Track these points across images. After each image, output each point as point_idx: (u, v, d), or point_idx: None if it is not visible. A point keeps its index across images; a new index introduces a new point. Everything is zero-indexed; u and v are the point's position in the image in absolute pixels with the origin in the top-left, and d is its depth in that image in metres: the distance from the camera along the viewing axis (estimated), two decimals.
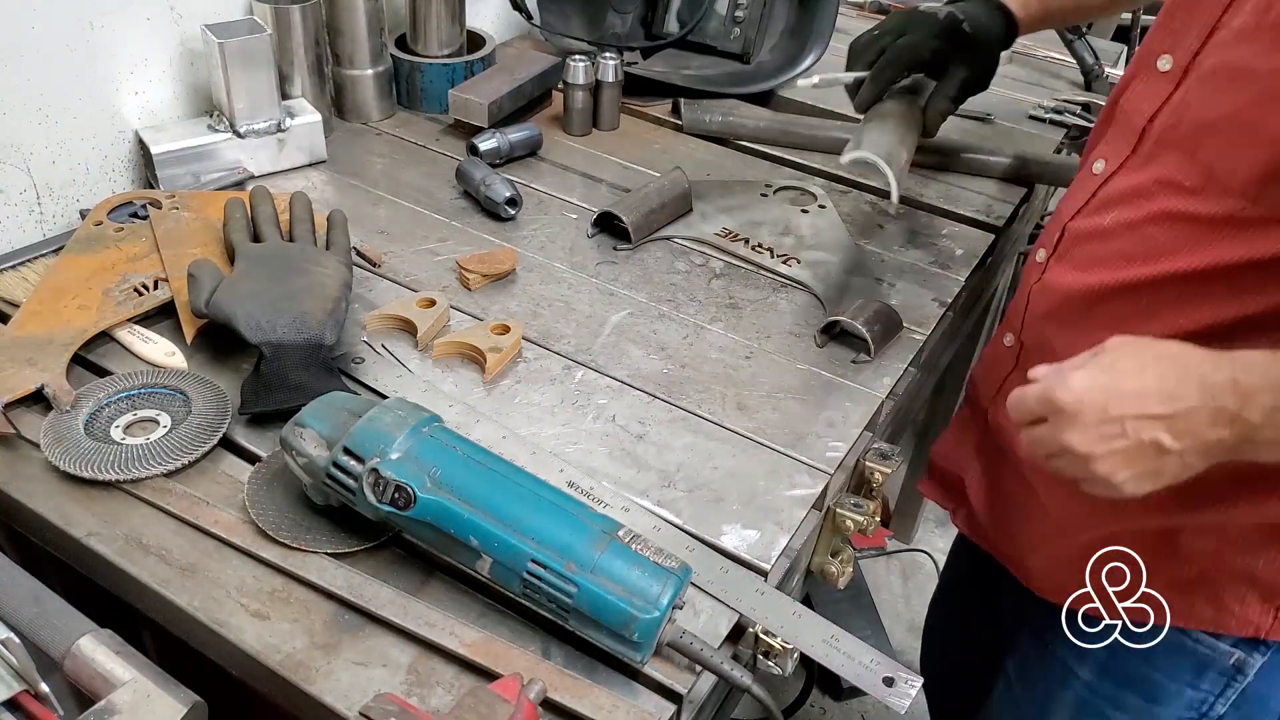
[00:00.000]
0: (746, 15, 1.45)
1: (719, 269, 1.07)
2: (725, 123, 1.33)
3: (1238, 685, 0.85)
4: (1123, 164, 0.79)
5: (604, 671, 0.66)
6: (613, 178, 1.23)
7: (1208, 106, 0.71)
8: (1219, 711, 0.87)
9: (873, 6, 1.84)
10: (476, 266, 1.01)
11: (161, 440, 0.78)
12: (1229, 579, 0.81)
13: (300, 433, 0.70)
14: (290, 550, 0.71)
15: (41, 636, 0.62)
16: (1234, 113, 0.69)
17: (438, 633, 0.66)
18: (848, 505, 0.83)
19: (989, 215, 1.20)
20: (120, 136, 1.10)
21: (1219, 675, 0.85)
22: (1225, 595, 0.81)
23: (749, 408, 0.89)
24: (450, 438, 0.69)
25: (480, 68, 1.33)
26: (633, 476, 0.81)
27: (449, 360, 0.91)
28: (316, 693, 0.63)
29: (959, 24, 1.00)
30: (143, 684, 0.59)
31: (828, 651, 0.69)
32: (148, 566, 0.70)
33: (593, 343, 0.95)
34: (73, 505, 0.74)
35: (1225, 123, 0.70)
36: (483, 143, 1.20)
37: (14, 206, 1.01)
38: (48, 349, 0.84)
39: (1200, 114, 0.72)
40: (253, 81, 1.10)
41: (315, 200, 1.06)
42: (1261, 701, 0.86)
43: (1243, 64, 0.68)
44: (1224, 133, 0.70)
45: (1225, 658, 0.84)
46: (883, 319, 0.96)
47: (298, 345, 0.84)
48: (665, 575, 0.63)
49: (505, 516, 0.65)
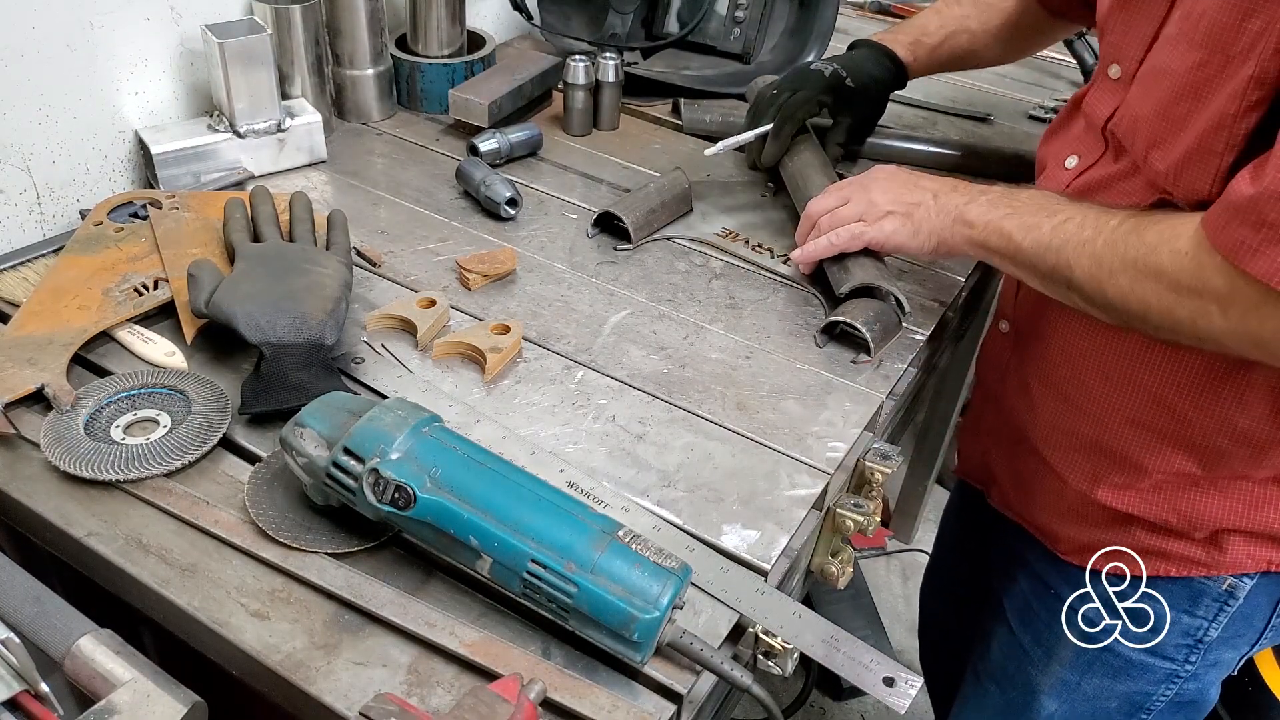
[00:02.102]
0: (747, 15, 1.45)
1: (719, 269, 1.07)
2: (725, 123, 1.33)
3: (1230, 609, 0.89)
4: (1096, 160, 0.87)
5: (604, 671, 0.66)
6: (613, 178, 1.23)
7: (1140, 105, 0.79)
8: (1213, 635, 0.91)
9: (873, 6, 1.84)
10: (476, 266, 1.01)
11: (161, 440, 0.78)
12: (1226, 532, 0.86)
13: (300, 433, 0.70)
14: (290, 550, 0.71)
15: (41, 636, 0.62)
16: (1158, 108, 0.76)
17: (438, 633, 0.66)
18: (848, 505, 0.83)
19: None
20: (120, 136, 1.10)
21: (1213, 602, 0.90)
22: (1225, 545, 0.87)
23: (749, 408, 0.89)
24: (450, 438, 0.69)
25: (480, 68, 1.33)
26: (633, 476, 0.81)
27: (449, 360, 0.91)
28: (316, 693, 0.63)
29: (841, 80, 1.12)
30: (143, 684, 0.59)
31: (828, 651, 0.69)
32: (148, 566, 0.70)
33: (593, 343, 0.95)
34: (73, 505, 0.74)
35: (1151, 118, 0.77)
36: (483, 143, 1.20)
37: (14, 206, 1.01)
38: (48, 349, 0.84)
39: (1135, 111, 0.80)
40: (253, 81, 1.10)
41: (315, 200, 1.06)
42: (1246, 620, 0.91)
43: (1165, 65, 0.76)
44: (1150, 127, 0.77)
45: (1219, 584, 0.88)
46: (883, 319, 0.96)
47: (298, 345, 0.84)
48: (665, 575, 0.63)
49: (505, 516, 0.65)
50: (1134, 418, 0.86)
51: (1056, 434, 0.94)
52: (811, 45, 1.45)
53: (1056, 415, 0.94)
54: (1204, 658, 0.93)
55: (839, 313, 0.96)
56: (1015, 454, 1.02)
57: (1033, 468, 0.99)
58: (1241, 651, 0.94)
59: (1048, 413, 0.94)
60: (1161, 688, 0.95)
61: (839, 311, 0.97)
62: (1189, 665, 0.93)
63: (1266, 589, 0.89)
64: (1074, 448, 0.93)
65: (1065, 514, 0.97)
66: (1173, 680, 0.95)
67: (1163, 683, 0.95)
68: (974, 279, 1.12)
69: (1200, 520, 0.86)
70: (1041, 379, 0.94)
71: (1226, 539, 0.86)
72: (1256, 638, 0.93)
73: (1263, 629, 0.92)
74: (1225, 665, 0.96)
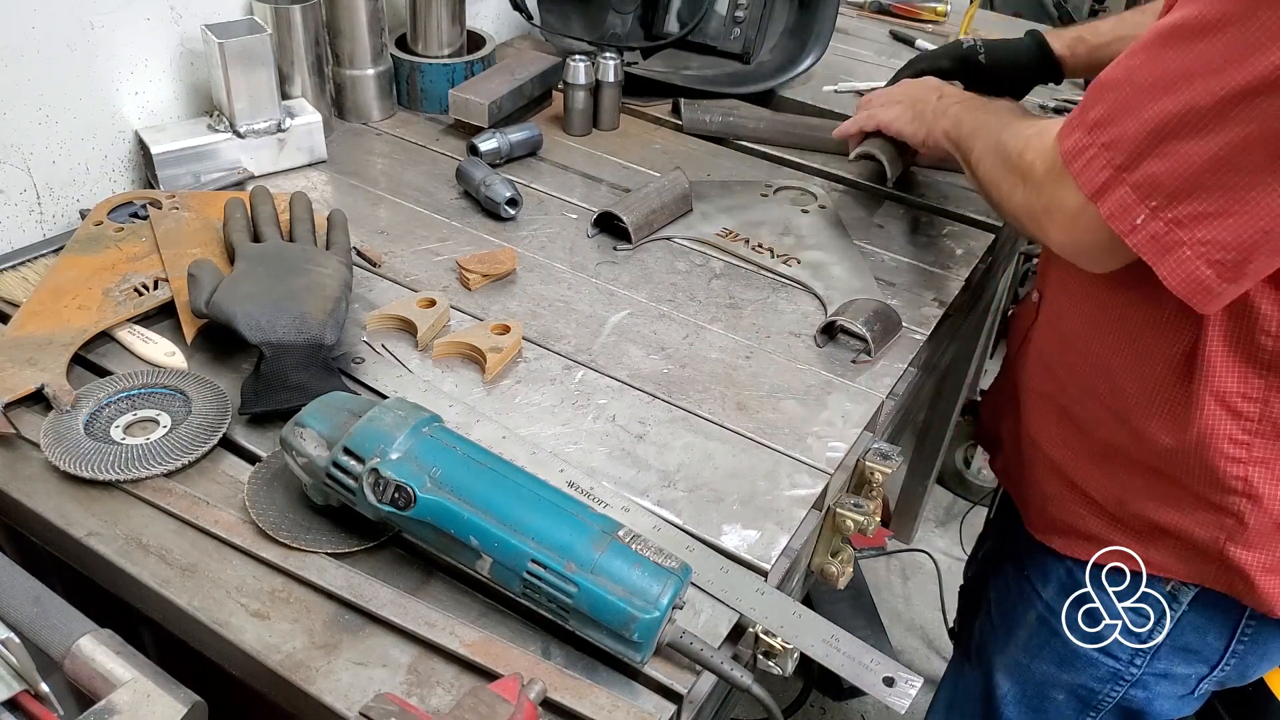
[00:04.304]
0: (746, 15, 1.45)
1: (719, 269, 1.07)
2: (725, 123, 1.33)
3: (1175, 612, 0.89)
4: None
5: (604, 671, 0.66)
6: (613, 178, 1.23)
7: None
8: (1157, 639, 0.91)
9: (873, 6, 1.84)
10: (476, 266, 1.01)
11: (161, 440, 0.78)
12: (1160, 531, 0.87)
13: (300, 433, 0.70)
14: (290, 550, 0.71)
15: (41, 636, 0.62)
16: None
17: (438, 633, 0.66)
18: (848, 505, 0.83)
19: (989, 215, 1.20)
20: (120, 136, 1.10)
21: (1159, 602, 0.90)
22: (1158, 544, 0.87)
23: (749, 408, 0.89)
24: (450, 438, 0.69)
25: (480, 68, 1.33)
26: (633, 476, 0.81)
27: (449, 360, 0.91)
28: (316, 693, 0.63)
29: (975, 55, 1.17)
30: (143, 684, 0.59)
31: (828, 651, 0.69)
32: (148, 566, 0.70)
33: (593, 343, 0.95)
34: (73, 505, 0.74)
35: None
36: (483, 143, 1.20)
37: (14, 206, 1.01)
38: (48, 349, 0.84)
39: None
40: (253, 81, 1.10)
41: (315, 200, 1.06)
42: (1199, 633, 0.90)
43: None
44: None
45: (1164, 585, 0.88)
46: (883, 319, 0.96)
47: (298, 345, 0.84)
48: (665, 575, 0.63)
49: (505, 516, 0.65)
50: (1092, 389, 0.87)
51: (1036, 398, 0.97)
52: (812, 45, 1.45)
53: (1041, 380, 0.96)
54: (1150, 664, 0.92)
55: (839, 313, 0.97)
56: (1016, 422, 1.05)
57: (1020, 432, 1.02)
58: (1199, 671, 0.92)
59: (1036, 378, 0.97)
60: (1108, 687, 0.95)
61: (839, 311, 0.97)
62: (1134, 668, 0.93)
63: (1217, 605, 0.87)
64: (1046, 411, 0.95)
65: (1034, 481, 0.99)
66: (1119, 681, 0.94)
67: (1108, 681, 0.95)
68: (974, 279, 1.12)
69: (1134, 511, 0.87)
70: (1040, 346, 0.97)
71: (1160, 539, 0.86)
72: (1217, 660, 0.91)
73: (1223, 652, 0.90)
74: (1179, 682, 0.93)
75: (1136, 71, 0.66)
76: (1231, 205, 0.63)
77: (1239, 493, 0.79)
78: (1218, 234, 0.64)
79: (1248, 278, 0.66)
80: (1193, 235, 0.65)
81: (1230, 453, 0.78)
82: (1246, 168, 0.61)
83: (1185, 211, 0.65)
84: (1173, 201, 0.65)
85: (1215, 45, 0.61)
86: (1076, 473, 0.92)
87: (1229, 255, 0.64)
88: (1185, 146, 0.63)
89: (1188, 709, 0.97)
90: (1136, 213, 0.67)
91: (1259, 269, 0.65)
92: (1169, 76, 0.63)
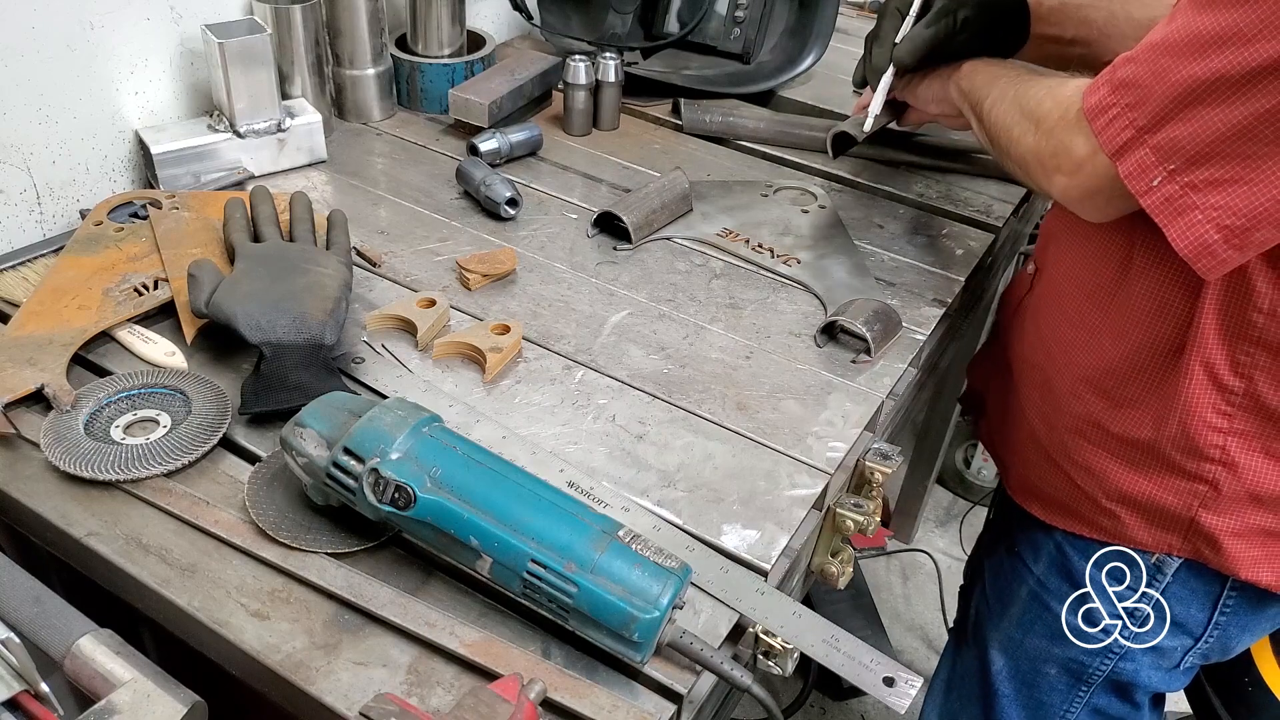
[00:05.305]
0: (747, 15, 1.45)
1: (719, 269, 1.07)
2: (725, 123, 1.33)
3: (1159, 585, 0.90)
4: None
5: (604, 671, 0.66)
6: (613, 178, 1.23)
7: None
8: (1145, 611, 0.92)
9: (873, 6, 1.84)
10: (476, 266, 1.01)
11: (161, 440, 0.78)
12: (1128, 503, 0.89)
13: (300, 433, 0.70)
14: (290, 550, 0.71)
15: (41, 636, 0.62)
16: None
17: (438, 633, 0.66)
18: (848, 505, 0.83)
19: (989, 215, 1.20)
20: (120, 136, 1.10)
21: (1143, 575, 0.92)
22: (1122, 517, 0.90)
23: (749, 408, 0.89)
24: (450, 438, 0.69)
25: (480, 68, 1.33)
26: (633, 476, 0.81)
27: (449, 360, 0.91)
28: (316, 693, 0.63)
29: None
30: (143, 684, 0.59)
31: (828, 651, 0.69)
32: (148, 566, 0.70)
33: (593, 343, 0.95)
34: (73, 505, 0.74)
35: None
36: (483, 143, 1.20)
37: (14, 206, 1.01)
38: (48, 349, 0.84)
39: None
40: (253, 81, 1.10)
41: (315, 200, 1.06)
42: (1184, 605, 0.91)
43: None
44: None
45: (1149, 558, 0.90)
46: (883, 319, 0.96)
47: (298, 345, 0.84)
48: (665, 575, 0.63)
49: (505, 516, 0.65)
50: (1078, 362, 0.89)
51: (1024, 367, 0.99)
52: (812, 45, 1.45)
53: (1031, 350, 0.97)
54: (1137, 637, 0.94)
55: (839, 313, 0.97)
56: (1002, 388, 1.06)
57: (1007, 399, 1.03)
58: (1183, 644, 0.94)
59: (1027, 348, 0.99)
60: (1098, 660, 0.97)
61: (839, 311, 0.97)
62: (1122, 640, 0.94)
63: (1200, 577, 0.89)
64: (1032, 381, 0.97)
65: (1015, 446, 1.01)
66: (1108, 654, 0.96)
67: (1098, 655, 0.97)
68: (974, 279, 1.12)
69: (1106, 484, 0.89)
70: (1033, 317, 0.98)
71: (1128, 509, 0.88)
72: (1200, 632, 0.92)
73: (1206, 624, 0.92)
74: (1165, 654, 0.95)
75: (1169, 36, 0.67)
76: (1246, 174, 0.64)
77: (1216, 460, 0.81)
78: (1230, 200, 0.65)
79: (1252, 247, 0.67)
80: (1205, 200, 0.66)
81: (1213, 422, 0.80)
82: (1266, 139, 0.63)
83: (1201, 176, 0.66)
84: (1191, 166, 0.66)
85: (1249, 14, 0.61)
86: (1051, 443, 0.94)
87: (1238, 221, 0.66)
88: (1209, 113, 0.64)
89: (1175, 683, 0.99)
90: (1154, 174, 0.68)
91: (1263, 239, 0.67)
92: (1200, 42, 0.64)
